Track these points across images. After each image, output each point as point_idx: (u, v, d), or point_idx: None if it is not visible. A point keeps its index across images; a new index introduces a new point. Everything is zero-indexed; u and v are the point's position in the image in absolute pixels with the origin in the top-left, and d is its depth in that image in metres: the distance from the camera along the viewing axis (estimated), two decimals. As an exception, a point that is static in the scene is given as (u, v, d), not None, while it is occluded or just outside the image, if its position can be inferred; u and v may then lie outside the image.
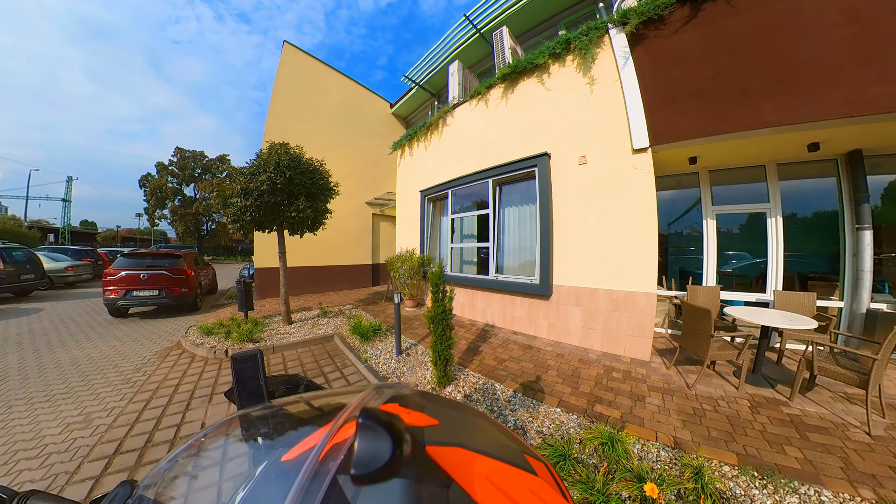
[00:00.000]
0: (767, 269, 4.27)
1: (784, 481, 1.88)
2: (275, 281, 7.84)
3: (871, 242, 3.71)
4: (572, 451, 2.07)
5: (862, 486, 1.85)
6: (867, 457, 2.10)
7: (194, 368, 3.91)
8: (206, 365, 4.00)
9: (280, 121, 8.37)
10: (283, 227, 5.24)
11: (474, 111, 5.72)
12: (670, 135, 3.59)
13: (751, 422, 2.49)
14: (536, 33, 6.35)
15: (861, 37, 2.84)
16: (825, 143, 3.62)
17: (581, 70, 4.23)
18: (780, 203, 4.22)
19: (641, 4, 3.71)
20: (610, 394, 2.94)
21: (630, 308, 3.78)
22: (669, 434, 2.33)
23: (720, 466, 2.01)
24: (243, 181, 4.67)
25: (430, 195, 6.77)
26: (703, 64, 3.45)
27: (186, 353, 4.41)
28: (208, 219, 38.85)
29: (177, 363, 4.08)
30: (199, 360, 4.19)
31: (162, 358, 4.26)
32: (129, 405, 3.01)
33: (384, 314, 6.17)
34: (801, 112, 3.03)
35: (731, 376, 3.26)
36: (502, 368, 3.49)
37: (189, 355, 4.35)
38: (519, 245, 5.09)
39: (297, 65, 9.00)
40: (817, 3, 3.00)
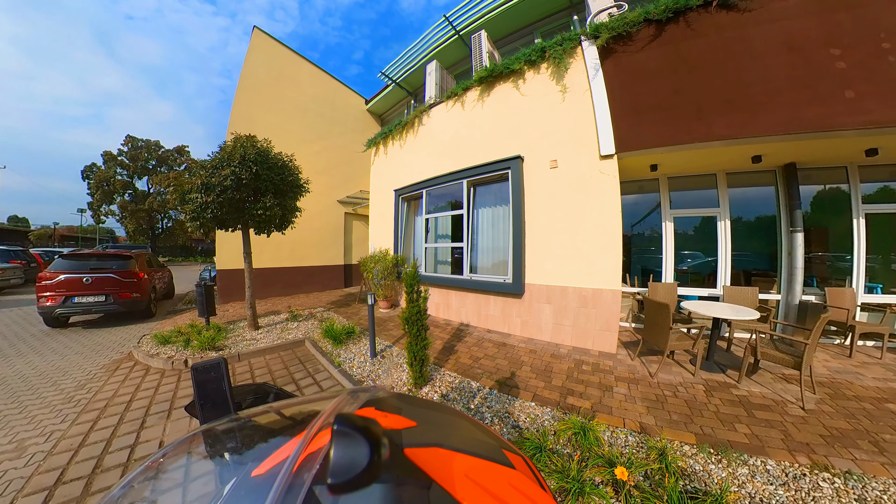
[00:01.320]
0: (717, 267, 4.68)
1: (735, 455, 2.06)
2: (239, 284, 7.35)
3: (802, 243, 4.21)
4: (547, 442, 2.12)
5: (799, 453, 2.07)
6: (802, 428, 2.35)
7: (149, 382, 3.56)
8: (163, 377, 3.65)
9: (247, 112, 7.87)
10: (248, 226, 4.92)
11: (450, 112, 5.76)
12: (634, 143, 3.85)
13: (706, 404, 2.70)
14: (513, 39, 6.55)
15: (797, 65, 3.25)
16: (766, 155, 4.08)
17: (554, 78, 4.41)
18: (729, 208, 4.67)
19: (612, 20, 3.96)
20: (580, 386, 3.06)
21: (597, 304, 3.97)
22: (636, 420, 2.47)
23: (681, 446, 2.16)
24: (204, 175, 4.33)
25: (405, 195, 6.72)
26: (664, 80, 3.75)
27: (139, 366, 4.02)
28: (164, 216, 35.27)
29: (128, 377, 3.69)
30: (154, 372, 3.83)
31: (111, 372, 3.84)
32: (73, 427, 2.68)
33: (357, 316, 6.01)
34: (747, 128, 3.40)
35: (688, 364, 3.52)
36: (478, 367, 3.52)
37: (142, 367, 3.97)
38: (492, 245, 5.18)
39: (268, 53, 8.54)
40: (763, 33, 3.38)
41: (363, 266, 6.68)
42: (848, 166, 4.22)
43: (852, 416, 2.53)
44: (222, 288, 7.41)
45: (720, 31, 3.52)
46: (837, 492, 1.79)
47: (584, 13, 5.03)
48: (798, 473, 1.92)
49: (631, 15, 3.84)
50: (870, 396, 2.84)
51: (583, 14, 5.55)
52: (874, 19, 3.11)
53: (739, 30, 3.46)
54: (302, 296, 8.56)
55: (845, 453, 2.08)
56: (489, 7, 5.93)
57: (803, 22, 3.27)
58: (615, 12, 4.17)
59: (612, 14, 4.16)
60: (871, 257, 4.27)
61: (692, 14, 3.61)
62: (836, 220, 4.42)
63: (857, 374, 3.29)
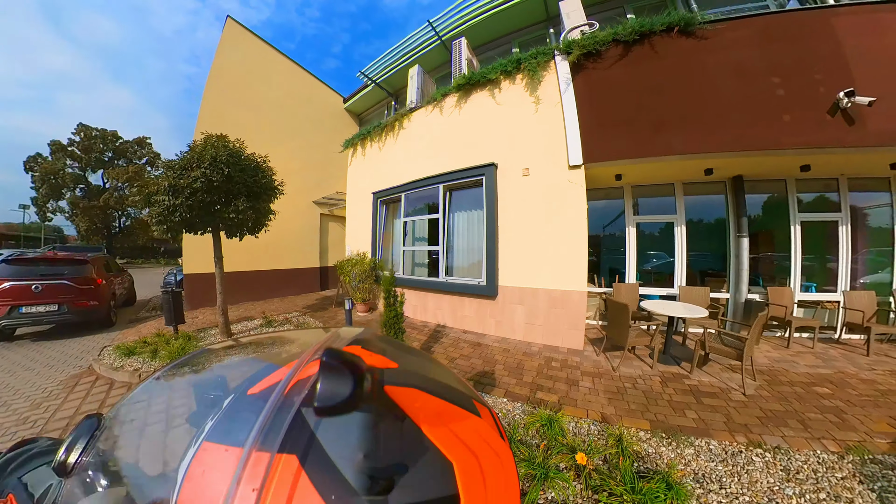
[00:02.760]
0: (675, 268, 5.08)
1: (684, 438, 2.28)
2: (208, 288, 7.05)
3: (747, 247, 4.64)
4: (517, 434, 2.26)
5: (738, 433, 2.33)
6: (742, 411, 2.63)
7: (115, 397, 3.32)
8: (130, 392, 3.47)
9: (217, 107, 7.56)
10: (219, 230, 4.77)
11: (430, 117, 5.89)
12: (600, 155, 4.14)
13: (661, 394, 2.95)
14: (492, 48, 6.82)
15: (744, 90, 3.68)
16: (717, 168, 4.50)
17: (528, 89, 4.64)
18: (685, 214, 5.09)
19: (583, 38, 4.25)
20: (549, 381, 3.24)
21: (566, 305, 4.21)
22: (598, 411, 2.67)
23: (637, 433, 2.36)
24: (172, 177, 4.12)
25: (384, 197, 6.75)
26: (629, 96, 4.09)
27: (102, 380, 3.74)
28: (121, 213, 32.08)
29: (90, 392, 3.44)
30: (119, 385, 3.59)
31: (69, 388, 3.56)
32: None
33: (334, 320, 5.97)
34: (700, 145, 3.80)
35: (647, 358, 3.79)
36: (454, 366, 3.62)
37: (105, 382, 3.69)
38: (467, 248, 5.33)
39: (242, 45, 8.25)
40: (716, 59, 3.80)
41: (340, 269, 6.63)
42: (786, 179, 4.72)
43: (785, 399, 2.85)
44: (190, 293, 7.07)
45: (680, 55, 3.91)
46: (767, 465, 2.03)
47: (560, 27, 5.32)
48: (735, 451, 2.16)
49: (601, 34, 4.15)
50: (801, 381, 3.20)
51: (559, 28, 5.84)
52: (809, 53, 3.59)
53: (696, 55, 3.86)
54: (276, 300, 8.33)
55: (776, 431, 2.36)
56: (471, 15, 6.15)
57: (750, 52, 3.72)
58: (587, 30, 4.45)
59: (584, 31, 4.44)
60: (807, 258, 4.78)
61: (656, 38, 3.99)
62: (779, 225, 4.91)
63: (793, 363, 3.69)
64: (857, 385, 3.11)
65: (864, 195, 4.68)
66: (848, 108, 3.36)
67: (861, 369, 3.48)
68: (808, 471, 1.98)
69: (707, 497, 1.80)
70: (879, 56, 3.46)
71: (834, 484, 1.87)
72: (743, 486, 1.86)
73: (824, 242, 4.79)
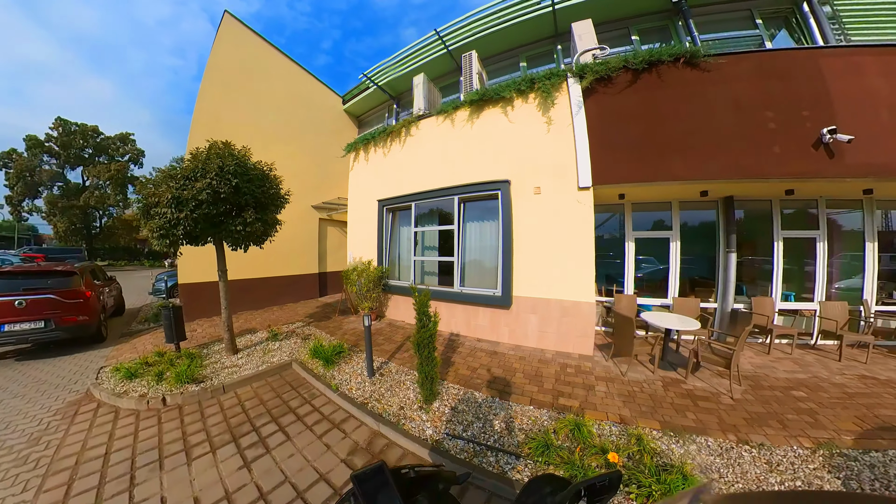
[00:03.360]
0: (668, 280, 5.72)
1: (688, 436, 2.78)
2: (206, 299, 7.05)
3: (734, 262, 5.31)
4: (552, 440, 2.66)
5: (729, 432, 2.85)
6: (731, 413, 3.18)
7: (124, 428, 3.18)
8: (140, 420, 3.32)
9: (213, 106, 7.50)
10: (222, 241, 4.76)
11: (440, 127, 6.19)
12: (609, 178, 4.65)
13: (664, 397, 3.47)
14: (500, 60, 7.24)
15: (740, 121, 4.28)
16: (711, 191, 5.15)
17: (541, 109, 5.08)
18: (679, 231, 5.72)
19: (596, 64, 4.70)
20: (568, 387, 3.69)
21: (576, 314, 4.71)
22: (616, 413, 3.14)
23: (651, 432, 2.83)
24: (174, 188, 4.03)
25: (390, 205, 6.98)
26: (636, 122, 4.60)
27: (105, 407, 3.59)
28: (102, 212, 30.88)
29: (95, 423, 3.28)
30: (126, 414, 3.45)
31: (69, 419, 3.37)
32: (41, 497, 2.31)
33: (341, 331, 6.15)
34: (699, 171, 4.38)
35: (648, 364, 4.34)
36: (476, 377, 4.00)
37: (110, 409, 3.54)
38: (481, 259, 5.74)
39: (239, 42, 8.18)
40: (717, 91, 4.38)
41: (346, 278, 6.82)
42: (772, 199, 5.43)
43: (767, 402, 3.41)
44: (186, 304, 7.00)
45: (684, 85, 4.47)
46: (754, 458, 2.54)
47: (568, 44, 5.78)
48: (728, 447, 2.67)
49: (612, 60, 4.63)
50: (780, 386, 3.80)
51: (566, 44, 6.35)
52: (798, 91, 4.23)
53: (699, 86, 4.43)
54: (275, 308, 8.39)
55: (760, 430, 2.89)
56: (480, 28, 6.55)
57: (747, 86, 4.33)
58: (598, 54, 4.93)
59: (595, 56, 4.92)
60: (787, 267, 5.47)
61: (663, 67, 4.52)
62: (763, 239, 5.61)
63: (773, 368, 4.33)
64: (829, 388, 3.73)
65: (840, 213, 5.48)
66: (830, 143, 4.02)
67: (833, 374, 4.14)
68: (786, 463, 2.49)
69: (711, 485, 2.28)
70: (859, 97, 4.14)
71: (807, 474, 2.39)
72: (736, 476, 2.36)
73: (804, 254, 5.51)
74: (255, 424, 3.21)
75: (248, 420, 3.31)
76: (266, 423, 3.25)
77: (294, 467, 2.57)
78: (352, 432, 3.06)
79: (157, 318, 7.43)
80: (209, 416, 3.42)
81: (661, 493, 2.12)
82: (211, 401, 3.75)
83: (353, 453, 2.74)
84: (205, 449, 2.84)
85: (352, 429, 3.12)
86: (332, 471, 2.53)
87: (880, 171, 4.06)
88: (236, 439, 2.96)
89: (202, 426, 3.22)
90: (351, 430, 3.10)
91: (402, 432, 2.90)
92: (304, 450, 2.78)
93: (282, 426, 3.17)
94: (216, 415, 3.44)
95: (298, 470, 2.54)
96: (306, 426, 3.18)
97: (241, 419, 3.33)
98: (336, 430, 3.10)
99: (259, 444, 2.88)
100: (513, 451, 2.62)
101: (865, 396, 3.53)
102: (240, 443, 2.91)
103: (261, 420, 3.30)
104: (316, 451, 2.76)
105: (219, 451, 2.80)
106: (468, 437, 2.80)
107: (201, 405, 3.65)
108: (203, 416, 3.42)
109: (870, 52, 4.27)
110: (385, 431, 3.01)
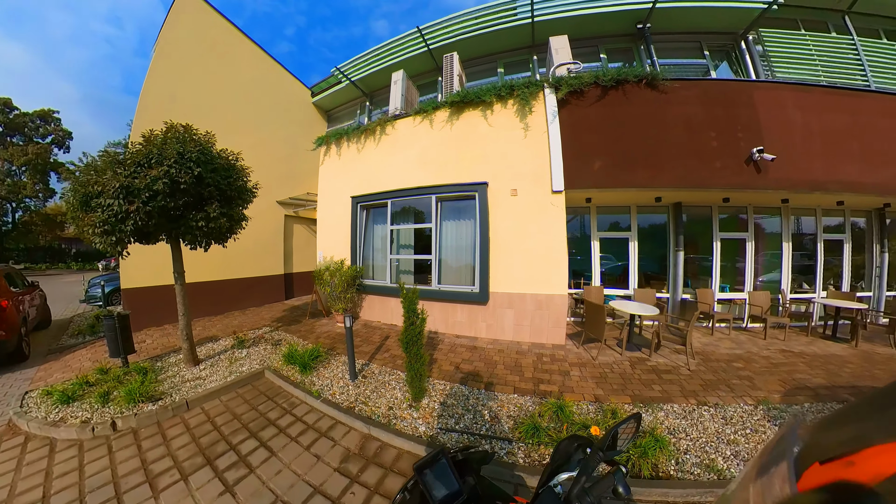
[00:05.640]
0: (629, 273, 6.44)
1: (655, 406, 3.15)
2: (154, 305, 6.41)
3: (682, 259, 6.15)
4: (539, 422, 2.85)
5: (690, 397, 3.31)
6: (690, 382, 3.68)
7: (64, 463, 2.69)
8: (84, 452, 2.82)
9: (166, 86, 6.78)
10: (179, 239, 4.28)
11: (419, 127, 6.23)
12: (579, 183, 5.08)
13: (632, 375, 3.88)
14: (479, 63, 7.52)
15: (689, 138, 4.95)
16: (664, 197, 5.88)
17: (519, 116, 5.36)
18: (637, 232, 6.46)
19: (571, 77, 5.10)
20: (546, 374, 3.95)
21: (549, 307, 5.04)
22: (591, 393, 3.46)
23: (623, 406, 3.15)
24: (124, 175, 3.44)
25: (365, 203, 6.83)
26: (605, 133, 5.07)
27: (37, 440, 3.05)
28: (15, 205, 25.77)
29: (24, 461, 2.73)
30: (65, 445, 2.95)
31: None
32: None
33: (314, 334, 5.93)
34: (656, 180, 4.99)
35: (616, 347, 4.77)
36: (460, 371, 4.11)
37: (43, 442, 3.01)
38: (458, 257, 5.88)
39: (200, 20, 7.49)
40: (672, 111, 5.02)
41: (317, 278, 6.56)
42: (712, 206, 6.35)
43: (716, 371, 3.98)
44: (131, 312, 6.19)
45: (645, 104, 5.05)
46: (712, 416, 2.99)
47: (544, 55, 6.24)
48: (691, 409, 3.10)
49: (585, 76, 5.09)
50: (724, 359, 4.44)
51: (542, 55, 6.81)
52: (735, 115, 5.01)
53: (658, 105, 5.04)
54: (237, 313, 7.79)
55: (714, 394, 3.40)
56: (462, 31, 6.75)
57: (697, 109, 5.04)
58: (572, 69, 5.37)
59: (570, 70, 5.35)
60: (723, 264, 6.42)
61: (629, 86, 5.08)
62: (705, 239, 6.52)
63: (716, 346, 5.03)
64: (759, 360, 4.46)
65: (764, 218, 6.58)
66: (758, 160, 4.83)
67: (761, 349, 4.93)
68: (737, 417, 2.98)
69: (679, 443, 2.63)
70: (781, 124, 5.05)
71: (753, 423, 2.89)
72: (699, 432, 2.76)
73: (736, 252, 6.51)
74: (232, 442, 2.92)
75: (223, 438, 3.00)
76: (244, 439, 2.98)
77: (284, 484, 2.38)
78: (341, 439, 2.95)
79: (94, 329, 6.55)
80: (173, 437, 3.04)
81: (638, 455, 2.39)
82: (173, 420, 3.36)
83: (346, 460, 2.62)
84: (173, 477, 2.48)
85: (341, 435, 3.00)
86: (327, 481, 2.39)
87: (794, 185, 5.03)
88: (211, 461, 2.64)
89: (166, 451, 2.81)
90: (340, 436, 2.99)
91: (396, 432, 2.89)
92: (292, 464, 2.59)
93: (263, 441, 2.92)
94: (182, 436, 3.07)
95: (290, 486, 2.35)
96: (291, 438, 2.96)
97: (214, 437, 3.03)
98: (324, 439, 2.95)
99: (240, 464, 2.60)
100: (506, 436, 2.77)
101: (785, 365, 4.29)
102: (216, 465, 2.61)
103: (238, 436, 3.02)
104: (306, 464, 2.59)
105: (192, 477, 2.46)
106: (461, 428, 2.90)
107: (161, 426, 3.23)
108: (165, 438, 3.03)
109: (789, 87, 5.24)
110: (377, 433, 2.98)
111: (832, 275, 6.70)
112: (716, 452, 2.52)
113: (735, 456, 2.48)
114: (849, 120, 5.17)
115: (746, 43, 6.31)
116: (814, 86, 5.37)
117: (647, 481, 2.26)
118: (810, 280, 6.60)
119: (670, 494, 2.18)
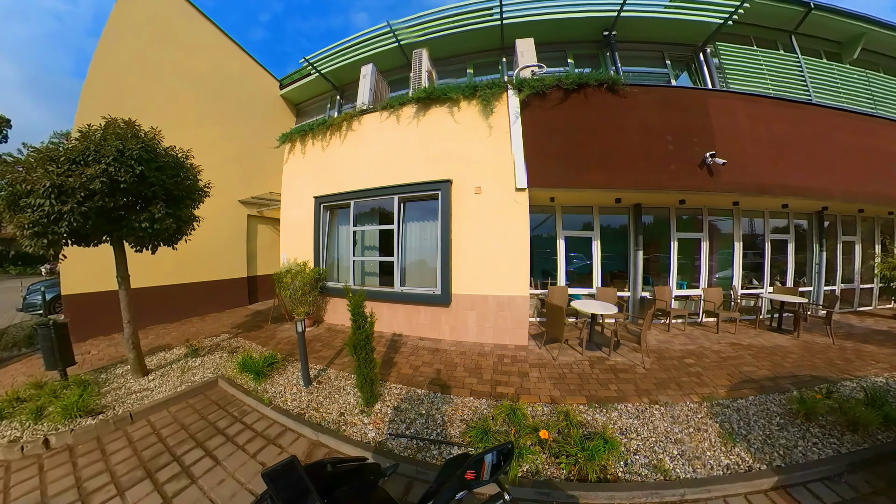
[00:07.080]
0: (592, 272, 6.58)
1: (610, 405, 3.22)
2: (98, 312, 5.98)
3: (641, 258, 6.40)
4: (490, 426, 2.86)
5: (643, 396, 3.40)
6: (644, 381, 3.77)
7: None
8: (10, 473, 2.67)
9: (115, 74, 6.26)
10: (122, 241, 4.06)
11: (384, 123, 6.12)
12: (541, 181, 5.14)
13: (591, 374, 3.96)
14: (448, 64, 7.52)
15: (646, 141, 5.12)
16: (623, 199, 6.06)
17: (483, 115, 5.39)
18: (599, 232, 6.65)
19: (533, 79, 5.17)
20: (504, 376, 3.98)
21: (512, 308, 5.09)
22: (547, 395, 3.49)
23: (578, 407, 3.20)
24: (55, 173, 3.25)
25: (328, 203, 6.66)
26: (564, 135, 5.18)
27: None
28: None
29: None
30: None
31: None
32: None
33: (274, 340, 5.75)
34: (614, 182, 5.15)
35: (577, 347, 4.86)
36: (419, 374, 4.08)
37: None
38: (421, 259, 5.83)
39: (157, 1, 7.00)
40: (630, 114, 5.18)
41: (277, 281, 6.35)
42: (670, 207, 6.61)
43: (668, 369, 4.11)
44: (73, 320, 5.77)
45: (605, 108, 5.20)
46: (662, 415, 3.08)
47: (512, 59, 6.26)
48: (643, 408, 3.18)
49: (548, 79, 5.17)
50: (677, 356, 4.59)
51: (510, 58, 6.82)
52: (690, 121, 5.26)
53: (617, 109, 5.19)
54: (195, 320, 7.40)
55: (665, 393, 3.50)
56: (433, 28, 6.74)
57: (653, 114, 5.23)
58: (536, 71, 5.45)
59: (534, 72, 5.43)
60: (681, 262, 6.67)
61: (590, 89, 5.21)
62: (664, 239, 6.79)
63: (671, 342, 5.19)
64: (710, 354, 4.66)
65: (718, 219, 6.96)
66: (710, 164, 5.07)
67: (713, 343, 5.15)
68: (683, 415, 3.08)
69: (630, 443, 2.69)
70: (732, 131, 5.34)
71: (697, 421, 2.99)
72: (650, 431, 2.84)
73: (692, 251, 6.83)
74: (176, 453, 2.85)
75: (167, 450, 2.92)
76: (189, 449, 2.91)
77: (225, 494, 2.36)
78: (289, 446, 2.92)
79: (31, 341, 6.08)
80: (113, 452, 2.90)
81: (585, 458, 2.43)
82: (114, 434, 3.19)
83: (291, 467, 2.62)
84: (109, 493, 2.41)
85: (289, 442, 2.98)
86: (269, 489, 2.39)
87: (744, 189, 5.35)
88: (152, 474, 2.60)
89: (104, 466, 2.72)
90: (288, 443, 2.96)
91: (343, 439, 2.86)
92: (236, 472, 2.57)
93: (209, 451, 2.87)
94: (123, 450, 2.94)
95: (231, 496, 2.34)
96: (238, 446, 2.94)
97: (158, 450, 2.92)
98: (272, 446, 2.92)
99: (182, 475, 2.57)
100: (454, 441, 2.76)
101: (734, 358, 4.50)
102: (157, 477, 2.56)
103: (183, 447, 2.94)
104: (250, 472, 2.57)
105: (129, 492, 2.42)
106: (411, 434, 2.87)
107: (101, 442, 3.07)
108: (104, 454, 2.88)
109: (741, 98, 5.59)
110: (325, 440, 2.94)
111: (778, 272, 7.19)
112: (664, 452, 2.60)
113: (681, 455, 2.55)
114: (792, 130, 5.56)
115: (705, 55, 6.70)
116: (762, 96, 5.73)
117: (593, 485, 2.28)
118: (759, 276, 7.02)
119: (616, 497, 2.22)
